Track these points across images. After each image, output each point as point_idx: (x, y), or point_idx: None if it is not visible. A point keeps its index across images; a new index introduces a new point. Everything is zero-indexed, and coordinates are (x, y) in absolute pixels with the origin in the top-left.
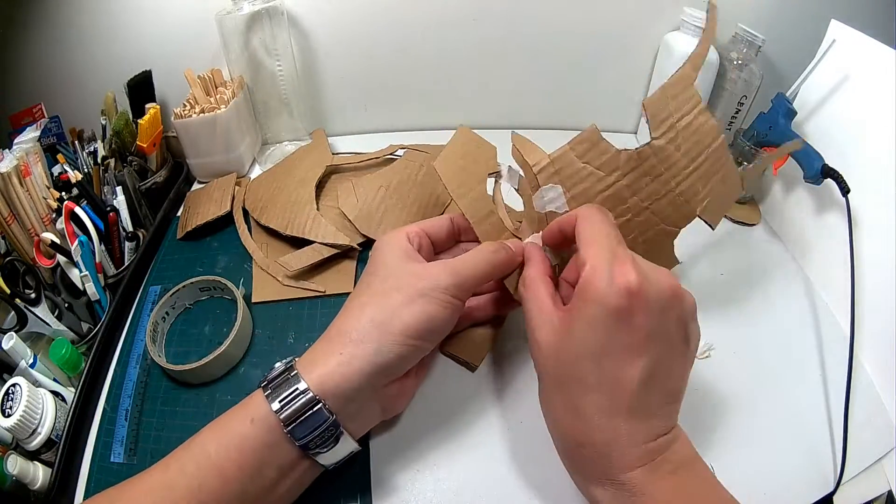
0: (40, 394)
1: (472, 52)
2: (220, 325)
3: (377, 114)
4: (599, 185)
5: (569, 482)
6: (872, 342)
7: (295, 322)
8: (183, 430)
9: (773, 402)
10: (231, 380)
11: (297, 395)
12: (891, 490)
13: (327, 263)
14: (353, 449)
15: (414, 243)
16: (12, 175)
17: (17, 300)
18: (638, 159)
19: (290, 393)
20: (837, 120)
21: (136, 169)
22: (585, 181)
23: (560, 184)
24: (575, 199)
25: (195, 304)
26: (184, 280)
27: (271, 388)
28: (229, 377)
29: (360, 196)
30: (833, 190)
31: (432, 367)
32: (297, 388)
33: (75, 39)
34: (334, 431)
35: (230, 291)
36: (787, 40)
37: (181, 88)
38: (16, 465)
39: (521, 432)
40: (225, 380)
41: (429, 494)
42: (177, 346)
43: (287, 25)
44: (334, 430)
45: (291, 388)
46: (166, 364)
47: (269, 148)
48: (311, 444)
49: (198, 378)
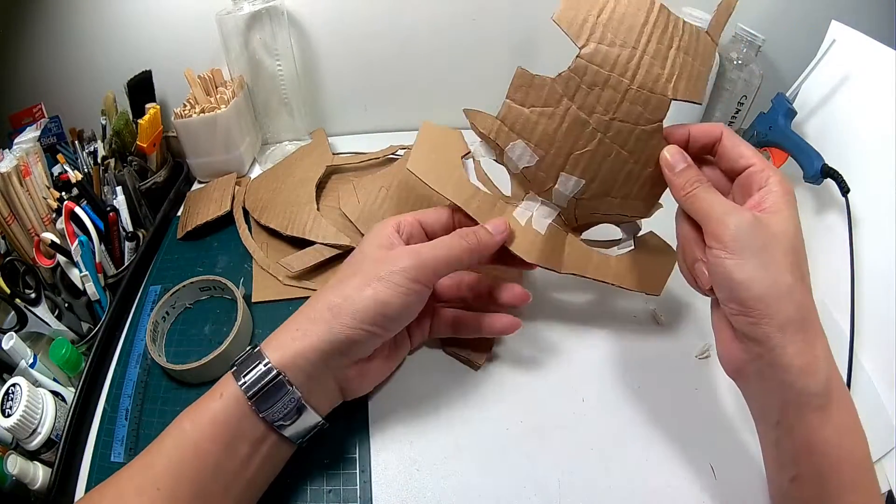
0: (40, 394)
1: (471, 51)
2: (220, 325)
3: (377, 114)
4: (553, 121)
5: (568, 481)
6: (872, 342)
7: None
8: None
9: None
10: None
11: (260, 371)
12: (891, 490)
13: (328, 264)
14: (317, 421)
15: (403, 233)
16: (12, 175)
17: (17, 300)
18: (576, 75)
19: (253, 368)
20: (837, 120)
21: (136, 169)
22: (539, 124)
23: (518, 138)
24: (539, 145)
25: (195, 304)
26: (184, 280)
27: (237, 365)
28: None
29: (361, 197)
30: (833, 190)
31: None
32: (258, 363)
33: (75, 39)
34: (296, 403)
35: (230, 291)
36: (787, 40)
37: (181, 88)
38: (16, 465)
39: (521, 431)
40: None
41: (428, 494)
42: (177, 346)
43: (287, 25)
44: (295, 403)
45: (254, 364)
46: (166, 364)
47: (270, 148)
48: (274, 416)
49: (198, 378)
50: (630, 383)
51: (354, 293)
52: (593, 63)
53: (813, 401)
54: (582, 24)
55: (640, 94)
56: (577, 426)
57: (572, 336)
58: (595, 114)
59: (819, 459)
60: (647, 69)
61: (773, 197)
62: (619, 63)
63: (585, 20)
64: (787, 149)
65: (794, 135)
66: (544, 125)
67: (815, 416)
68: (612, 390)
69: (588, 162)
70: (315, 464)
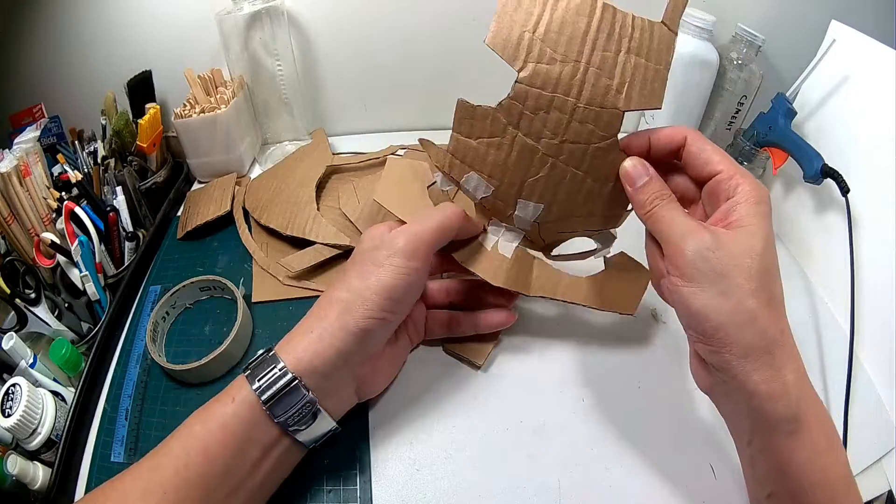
0: (40, 394)
1: (471, 52)
2: (220, 325)
3: (377, 114)
4: (502, 150)
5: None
6: (872, 342)
7: (295, 322)
8: None
9: None
10: (231, 379)
11: (275, 375)
12: (891, 490)
13: (328, 264)
14: (331, 427)
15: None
16: (12, 175)
17: (17, 300)
18: (518, 102)
19: (268, 372)
20: (837, 120)
21: (136, 169)
22: (489, 154)
23: (471, 169)
24: (492, 175)
25: (195, 304)
26: (184, 280)
27: (251, 369)
28: (229, 377)
29: (361, 197)
30: (833, 190)
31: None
32: (274, 367)
33: (75, 39)
34: (311, 408)
35: (230, 291)
36: (787, 40)
37: (181, 88)
38: (16, 465)
39: (521, 431)
40: (224, 380)
41: (428, 494)
42: (176, 346)
43: (287, 25)
44: (311, 407)
45: (269, 368)
46: (166, 364)
47: (270, 148)
48: (289, 422)
49: (198, 378)
50: (630, 383)
51: (359, 284)
52: (534, 86)
53: (782, 426)
54: (517, 45)
55: (589, 112)
56: (577, 426)
57: (572, 336)
58: (543, 139)
59: (792, 482)
60: (593, 83)
61: (741, 209)
62: (561, 81)
63: (521, 38)
64: (787, 149)
65: (793, 135)
66: (493, 155)
67: (786, 441)
68: (612, 390)
69: (544, 187)
70: (315, 464)
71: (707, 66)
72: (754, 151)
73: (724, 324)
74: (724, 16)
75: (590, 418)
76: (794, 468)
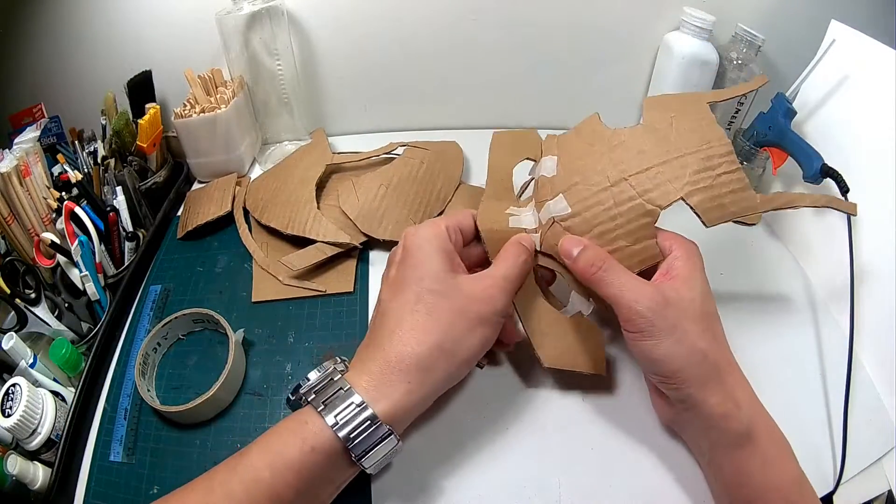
0: (40, 394)
1: (471, 51)
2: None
3: (377, 114)
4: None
5: (568, 481)
6: (872, 342)
7: (295, 321)
8: (182, 430)
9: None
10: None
11: (365, 424)
12: (891, 490)
13: (328, 263)
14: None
15: (452, 238)
16: (12, 175)
17: (17, 300)
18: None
19: (345, 409)
20: (837, 120)
21: (136, 169)
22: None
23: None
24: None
25: (188, 336)
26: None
27: (323, 403)
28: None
29: (360, 195)
30: (833, 190)
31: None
32: (352, 403)
33: (75, 39)
34: (396, 452)
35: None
36: (787, 40)
37: (181, 88)
38: (16, 465)
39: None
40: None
41: (429, 494)
42: (168, 381)
43: (287, 25)
44: (396, 451)
45: (346, 404)
46: (154, 403)
47: (270, 148)
48: (369, 462)
49: (188, 419)
50: (630, 383)
51: (465, 337)
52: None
53: (735, 441)
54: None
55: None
56: (577, 426)
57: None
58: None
59: (748, 490)
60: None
61: (678, 263)
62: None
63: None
64: (787, 149)
65: (793, 135)
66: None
67: (740, 454)
68: (612, 390)
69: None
70: None
71: (707, 66)
72: (754, 151)
73: (683, 366)
74: (724, 16)
75: (590, 418)
76: (748, 477)
